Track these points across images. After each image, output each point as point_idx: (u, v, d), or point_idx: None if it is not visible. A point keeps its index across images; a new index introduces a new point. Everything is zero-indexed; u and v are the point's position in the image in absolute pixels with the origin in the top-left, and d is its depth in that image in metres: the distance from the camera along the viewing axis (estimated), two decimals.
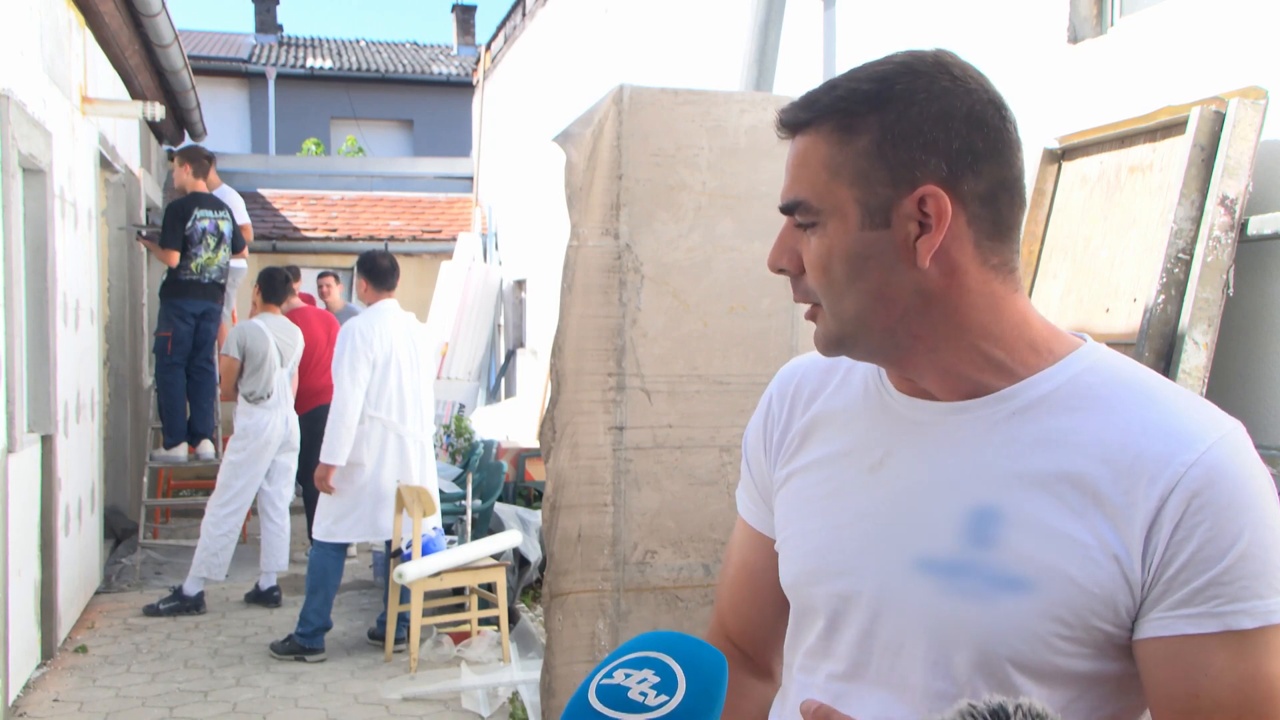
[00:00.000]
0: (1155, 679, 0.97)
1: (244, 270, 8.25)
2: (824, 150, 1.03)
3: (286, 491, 6.36)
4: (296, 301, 7.12)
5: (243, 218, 8.01)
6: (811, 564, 1.12)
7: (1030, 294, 3.02)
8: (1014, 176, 1.04)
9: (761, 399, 1.26)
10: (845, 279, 1.03)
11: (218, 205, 7.14)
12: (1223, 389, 2.54)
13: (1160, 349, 2.47)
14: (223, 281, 7.28)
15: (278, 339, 6.18)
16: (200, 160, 7.18)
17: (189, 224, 6.92)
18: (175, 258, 6.93)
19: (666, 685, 0.87)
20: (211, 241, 7.04)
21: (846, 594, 1.08)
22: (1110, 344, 2.90)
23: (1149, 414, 0.99)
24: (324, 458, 5.15)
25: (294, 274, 7.45)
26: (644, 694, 0.87)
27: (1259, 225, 2.41)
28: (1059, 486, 0.98)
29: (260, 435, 6.09)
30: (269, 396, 6.10)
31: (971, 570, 1.00)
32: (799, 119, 1.05)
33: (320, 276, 8.47)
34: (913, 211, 1.00)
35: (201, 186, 7.14)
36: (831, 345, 1.07)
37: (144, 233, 7.47)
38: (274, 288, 6.36)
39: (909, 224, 1.01)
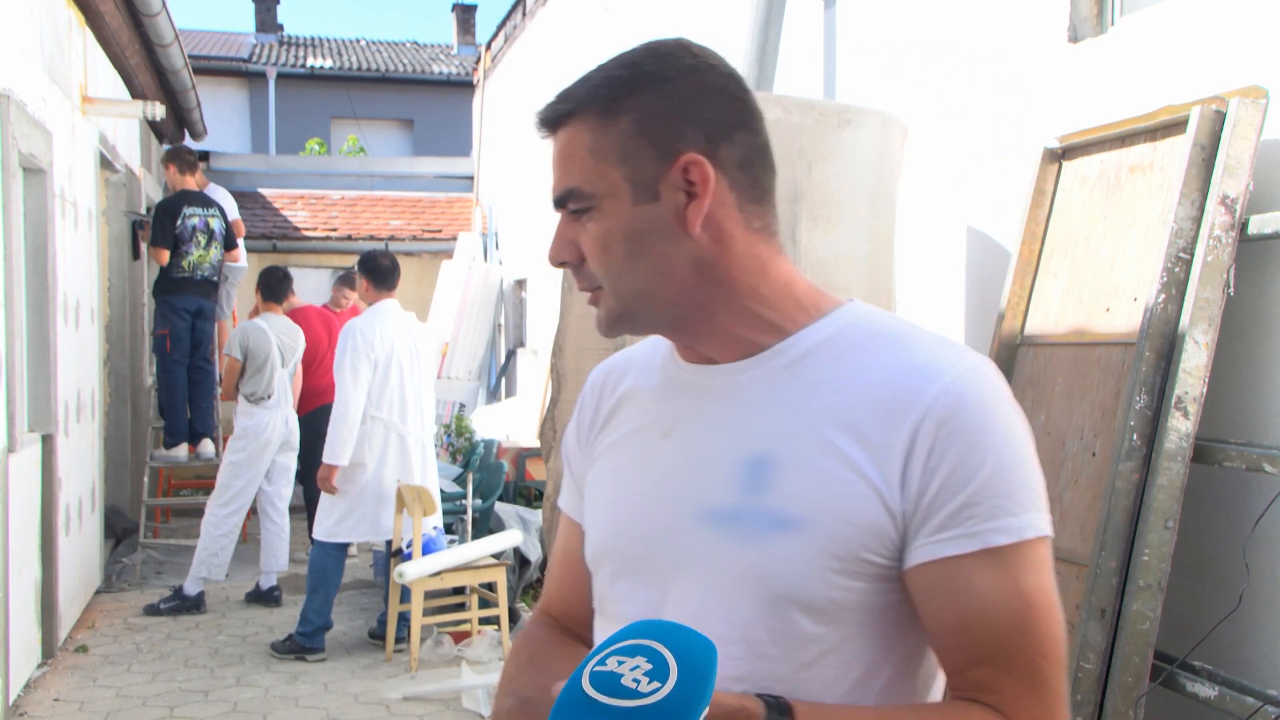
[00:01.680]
0: (926, 604, 1.02)
1: (244, 270, 8.24)
2: (588, 137, 1.08)
3: (286, 491, 6.37)
4: (297, 301, 7.11)
5: (233, 214, 7.93)
6: (609, 532, 1.17)
7: (1031, 293, 3.02)
8: (763, 143, 1.11)
9: (577, 401, 1.32)
10: (625, 256, 1.07)
11: (207, 203, 7.15)
12: (1223, 388, 2.54)
13: (1161, 348, 2.47)
14: (215, 279, 7.29)
15: (280, 339, 6.18)
16: (184, 157, 7.19)
17: (178, 222, 6.92)
18: (165, 256, 6.95)
19: (659, 672, 0.89)
20: (202, 239, 7.04)
21: (641, 555, 1.13)
22: (1111, 343, 2.88)
23: (903, 356, 1.05)
24: (327, 458, 5.15)
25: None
26: (637, 681, 0.88)
27: (1259, 224, 2.41)
28: (828, 430, 1.04)
29: (260, 435, 6.10)
30: (270, 397, 6.10)
31: (748, 515, 1.05)
32: (560, 112, 1.10)
33: (336, 286, 8.00)
34: (678, 181, 1.06)
35: (190, 184, 7.14)
36: (615, 323, 1.11)
37: (143, 223, 7.45)
38: (274, 287, 6.36)
39: (677, 194, 1.06)
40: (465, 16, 21.47)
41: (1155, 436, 2.44)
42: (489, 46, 12.00)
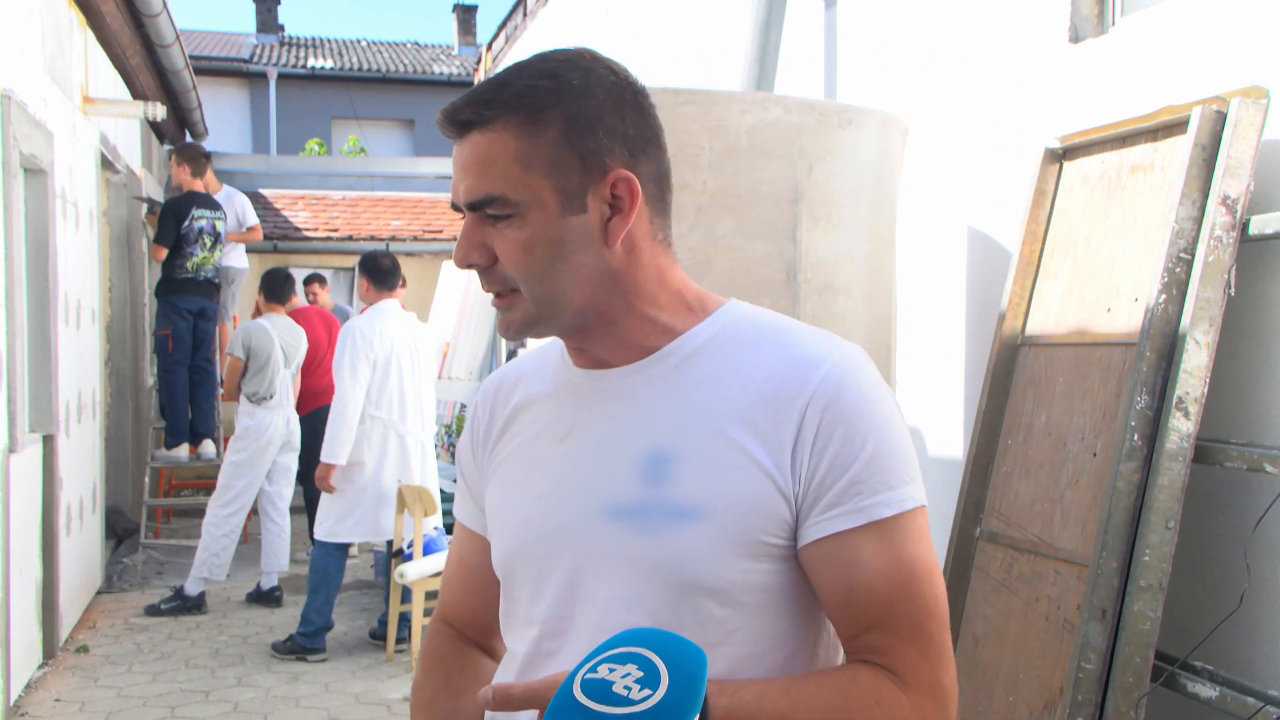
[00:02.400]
0: (819, 579, 1.08)
1: (245, 271, 8.24)
2: (513, 145, 1.08)
3: (287, 491, 6.37)
4: (298, 301, 7.12)
5: (252, 219, 7.95)
6: (514, 536, 1.20)
7: (1032, 293, 3.02)
8: (668, 159, 1.17)
9: (468, 414, 1.34)
10: (546, 263, 1.09)
11: (214, 205, 7.16)
12: (1224, 389, 2.54)
13: (1162, 348, 2.47)
14: (217, 280, 7.30)
15: (282, 340, 6.18)
16: (198, 159, 7.19)
17: (185, 223, 6.93)
18: (163, 254, 6.96)
19: (649, 680, 0.90)
20: (208, 241, 7.07)
21: (547, 555, 1.15)
22: (1112, 344, 2.88)
23: (783, 349, 1.12)
24: (325, 457, 5.15)
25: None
26: (628, 688, 0.89)
27: (1260, 225, 2.41)
28: (721, 423, 1.09)
29: (262, 436, 6.10)
30: (271, 397, 6.10)
31: (650, 508, 1.09)
32: (480, 117, 1.10)
33: (307, 283, 8.07)
34: (606, 195, 1.10)
35: (199, 186, 7.15)
36: (526, 326, 1.14)
37: (155, 208, 7.44)
38: (276, 287, 6.36)
39: (603, 206, 1.10)
40: (466, 17, 21.49)
41: (1156, 437, 2.44)
42: (490, 47, 12.01)
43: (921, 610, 1.07)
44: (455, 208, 1.13)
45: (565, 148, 1.08)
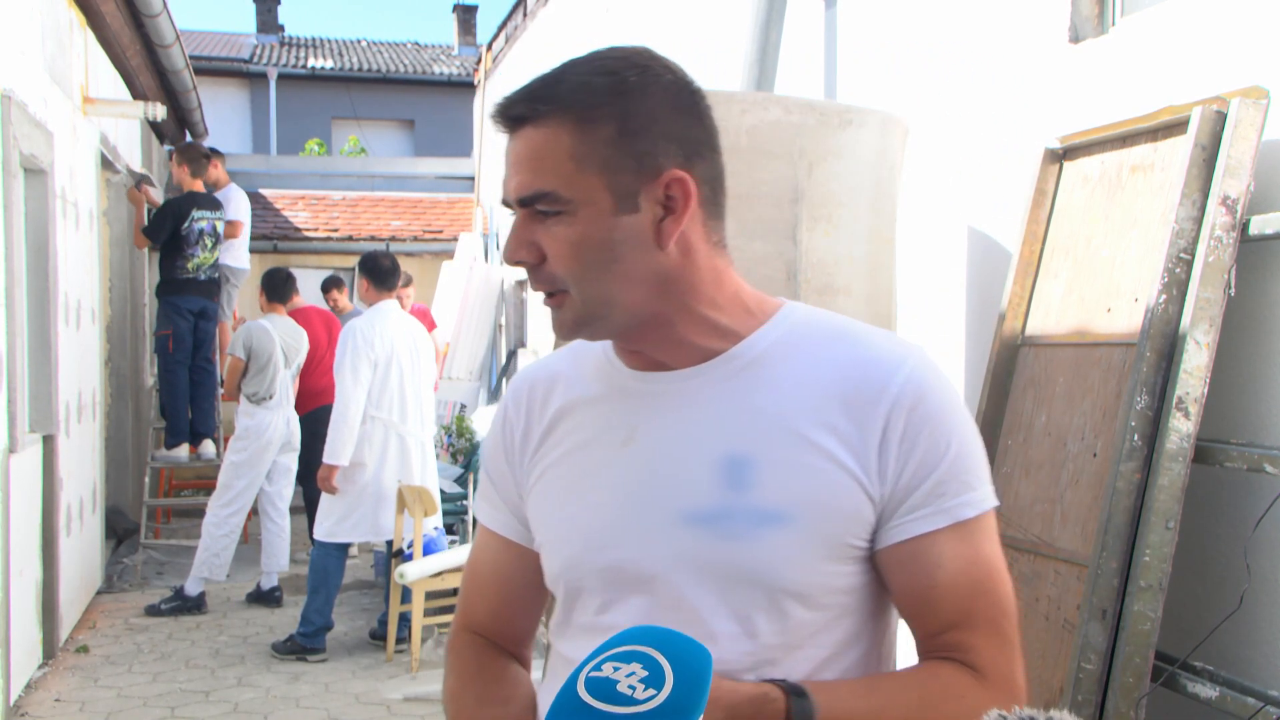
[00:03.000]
0: (899, 579, 1.09)
1: (246, 272, 8.24)
2: (567, 142, 1.06)
3: (287, 492, 6.37)
4: (299, 301, 7.12)
5: (235, 215, 7.67)
6: (578, 546, 1.16)
7: (1032, 293, 3.02)
8: (722, 163, 1.16)
9: (495, 413, 1.30)
10: (599, 264, 1.07)
11: (215, 205, 7.16)
12: (1224, 389, 2.54)
13: (1162, 349, 2.47)
14: (216, 278, 7.29)
15: (283, 340, 6.18)
16: (198, 159, 7.18)
17: (186, 224, 6.93)
18: (146, 244, 7.01)
19: (654, 679, 0.89)
20: (209, 242, 7.08)
21: (618, 565, 1.13)
22: (1112, 344, 2.88)
23: (854, 350, 1.11)
24: (328, 458, 5.16)
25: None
26: (632, 687, 0.88)
27: (1260, 225, 2.41)
28: (796, 425, 1.08)
29: (262, 436, 6.10)
30: (272, 397, 6.10)
31: (733, 513, 1.07)
32: (534, 112, 1.08)
33: (325, 289, 7.86)
34: (660, 196, 1.08)
35: (199, 186, 7.14)
36: (578, 327, 1.12)
37: (140, 184, 7.40)
38: (277, 287, 6.36)
39: (656, 208, 1.08)
40: (466, 17, 21.47)
41: (1156, 437, 2.44)
42: (490, 47, 12.00)
43: (997, 608, 1.09)
44: (506, 204, 1.11)
45: (619, 146, 1.06)
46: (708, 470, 1.09)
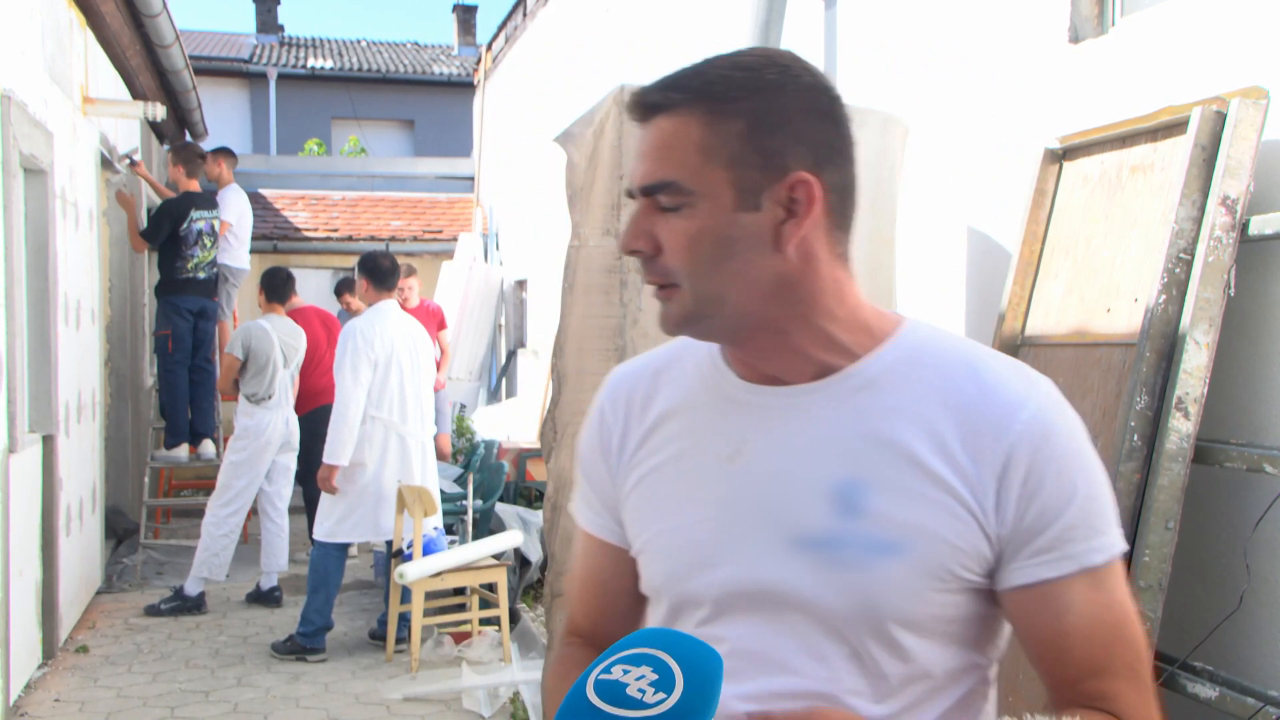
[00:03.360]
0: (1026, 623, 1.06)
1: (246, 271, 8.24)
2: (696, 133, 1.04)
3: (286, 491, 6.37)
4: (298, 301, 7.12)
5: (226, 216, 7.49)
6: (684, 559, 1.13)
7: (1032, 293, 3.02)
8: (855, 174, 1.11)
9: (593, 411, 1.27)
10: (713, 260, 1.05)
11: (213, 204, 7.16)
12: (1224, 389, 2.54)
13: (1161, 349, 2.47)
14: (215, 277, 7.30)
15: (282, 340, 6.18)
16: (193, 160, 7.17)
17: (184, 225, 6.93)
18: (144, 247, 7.01)
19: (664, 683, 0.87)
20: (208, 241, 7.09)
21: (725, 582, 1.10)
22: (1112, 344, 2.88)
23: (978, 380, 1.07)
24: (328, 458, 5.16)
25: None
26: (642, 691, 0.87)
27: (1260, 225, 2.41)
28: (911, 452, 1.05)
29: (261, 436, 6.10)
30: (271, 397, 6.10)
31: (845, 540, 1.05)
32: (669, 100, 1.06)
33: (338, 292, 7.70)
34: (783, 197, 1.05)
35: (195, 186, 7.13)
36: (684, 323, 1.09)
37: (134, 160, 7.38)
38: (277, 287, 6.36)
39: (778, 209, 1.05)
40: (466, 17, 21.47)
41: (1156, 437, 2.44)
42: (489, 47, 12.01)
43: (1134, 653, 1.06)
44: (629, 194, 1.09)
45: (748, 142, 1.04)
46: (819, 494, 1.06)
